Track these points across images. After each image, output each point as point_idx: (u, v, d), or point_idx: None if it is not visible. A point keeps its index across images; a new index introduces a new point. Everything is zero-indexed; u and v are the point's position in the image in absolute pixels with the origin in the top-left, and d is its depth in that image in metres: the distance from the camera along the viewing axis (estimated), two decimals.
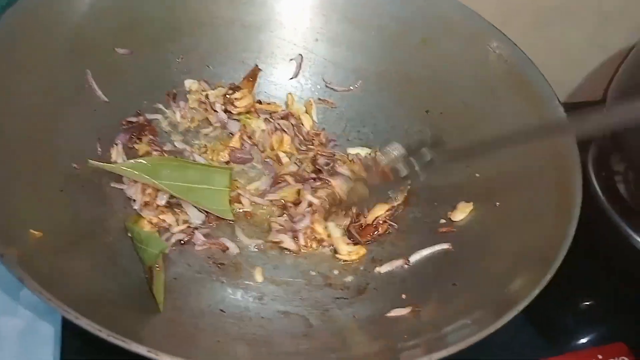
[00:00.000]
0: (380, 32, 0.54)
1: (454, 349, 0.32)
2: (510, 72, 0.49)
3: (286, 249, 0.46)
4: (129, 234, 0.43)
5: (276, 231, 0.47)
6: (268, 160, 0.52)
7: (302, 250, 0.47)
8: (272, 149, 0.52)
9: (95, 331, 0.29)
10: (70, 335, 0.43)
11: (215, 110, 0.52)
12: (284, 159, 0.52)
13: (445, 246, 0.45)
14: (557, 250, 0.38)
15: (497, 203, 0.46)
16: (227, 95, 0.53)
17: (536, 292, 0.35)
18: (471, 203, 0.47)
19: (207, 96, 0.53)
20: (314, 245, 0.47)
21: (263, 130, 0.52)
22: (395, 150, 0.49)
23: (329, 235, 0.47)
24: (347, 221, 0.48)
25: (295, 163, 0.52)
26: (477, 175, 0.48)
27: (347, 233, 0.47)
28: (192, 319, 0.40)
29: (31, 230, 0.37)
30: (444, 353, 0.32)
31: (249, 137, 0.52)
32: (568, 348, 0.50)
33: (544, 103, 0.46)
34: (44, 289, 0.31)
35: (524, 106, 0.47)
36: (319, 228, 0.47)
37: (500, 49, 0.50)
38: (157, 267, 0.41)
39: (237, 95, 0.53)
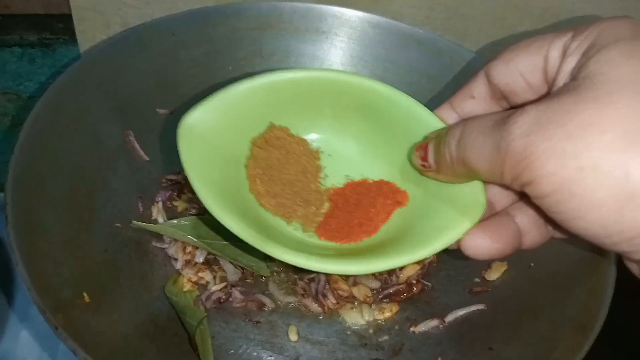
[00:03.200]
0: (411, 89, 0.55)
1: None
2: None
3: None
4: (169, 302, 0.44)
5: (300, 295, 0.47)
6: None
7: (332, 310, 0.47)
8: None
9: None
10: None
11: None
12: None
13: (480, 307, 0.45)
14: (594, 318, 0.38)
15: (532, 264, 0.46)
16: None
17: None
18: (505, 262, 0.47)
19: None
20: (344, 303, 0.47)
21: None
22: None
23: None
24: (376, 284, 0.48)
25: None
26: None
27: (375, 297, 0.47)
28: None
29: (84, 294, 0.38)
30: None
31: None
32: None
33: None
34: (81, 347, 0.33)
35: None
36: (344, 285, 0.48)
37: None
38: (203, 327, 0.42)
39: None
